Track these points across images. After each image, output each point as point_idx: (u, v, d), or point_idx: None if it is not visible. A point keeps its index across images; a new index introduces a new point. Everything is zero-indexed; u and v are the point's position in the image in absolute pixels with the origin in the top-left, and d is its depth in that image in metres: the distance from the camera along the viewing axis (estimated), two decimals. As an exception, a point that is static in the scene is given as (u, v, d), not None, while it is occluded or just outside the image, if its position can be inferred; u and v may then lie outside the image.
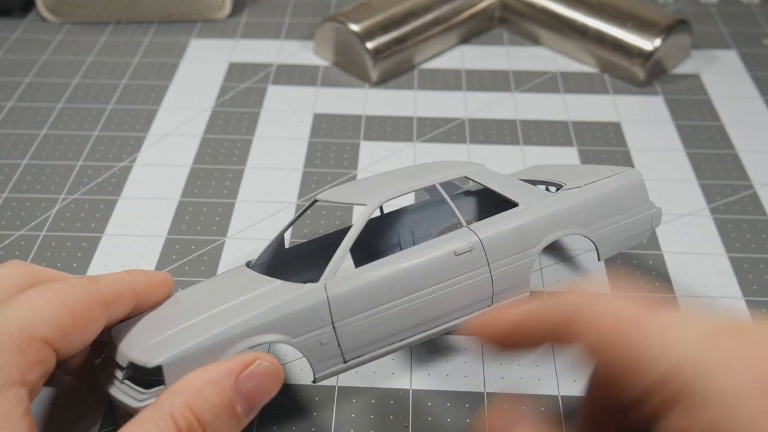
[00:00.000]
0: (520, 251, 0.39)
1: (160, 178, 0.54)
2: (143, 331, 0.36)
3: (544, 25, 0.67)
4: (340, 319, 0.35)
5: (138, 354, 0.34)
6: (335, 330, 0.35)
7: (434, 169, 0.42)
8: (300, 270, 0.43)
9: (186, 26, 0.71)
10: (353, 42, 0.63)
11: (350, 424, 0.39)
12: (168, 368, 0.32)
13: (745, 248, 0.49)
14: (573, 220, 0.40)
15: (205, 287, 0.39)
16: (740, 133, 0.59)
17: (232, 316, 0.34)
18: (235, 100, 0.62)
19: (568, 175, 0.44)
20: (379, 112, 0.61)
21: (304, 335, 0.35)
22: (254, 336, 0.34)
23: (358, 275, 0.36)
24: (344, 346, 0.36)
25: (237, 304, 0.35)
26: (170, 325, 0.35)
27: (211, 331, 0.33)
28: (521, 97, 0.62)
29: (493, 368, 0.42)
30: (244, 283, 0.37)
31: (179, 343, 0.33)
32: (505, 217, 0.39)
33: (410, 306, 0.36)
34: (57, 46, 0.68)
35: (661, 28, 0.63)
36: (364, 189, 0.40)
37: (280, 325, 0.34)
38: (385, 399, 0.40)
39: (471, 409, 0.39)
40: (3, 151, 0.56)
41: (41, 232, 0.50)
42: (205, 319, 0.34)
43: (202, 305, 0.36)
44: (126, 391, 0.34)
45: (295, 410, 0.39)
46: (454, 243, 0.37)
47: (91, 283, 0.35)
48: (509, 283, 0.38)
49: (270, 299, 0.35)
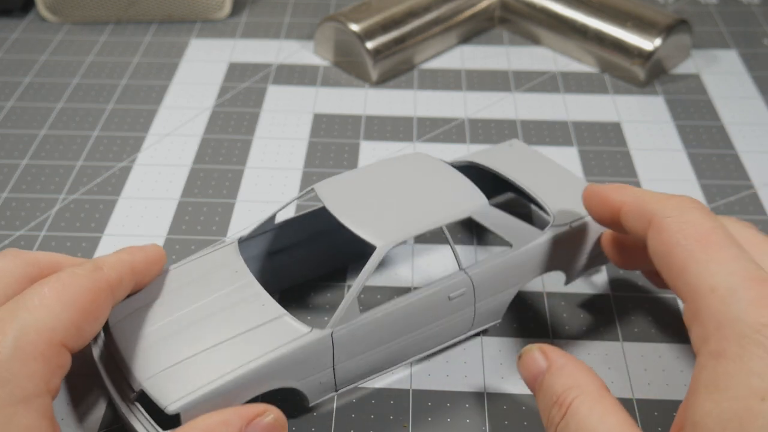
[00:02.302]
0: (504, 289, 0.41)
1: (160, 178, 0.54)
2: (147, 336, 0.37)
3: (544, 25, 0.67)
4: (340, 362, 0.37)
5: (151, 386, 0.35)
6: (334, 371, 0.38)
7: (432, 189, 0.41)
8: (290, 249, 0.44)
9: (186, 26, 0.71)
10: (353, 42, 0.63)
11: (350, 424, 0.39)
12: (185, 415, 0.34)
13: (745, 248, 0.49)
14: (556, 260, 0.43)
15: (201, 280, 0.39)
16: (740, 133, 0.59)
17: (243, 358, 0.35)
18: (235, 100, 0.62)
19: (549, 187, 0.45)
20: (379, 112, 0.61)
21: (307, 378, 0.37)
22: (265, 383, 0.36)
23: (360, 322, 0.37)
24: (339, 381, 0.38)
25: (246, 339, 0.36)
26: (175, 345, 0.36)
27: (224, 375, 0.35)
28: (521, 97, 0.62)
29: (493, 368, 0.42)
30: (247, 300, 0.38)
31: (193, 384, 0.34)
32: (497, 259, 0.40)
33: (400, 342, 0.39)
34: (57, 46, 0.68)
35: (661, 28, 0.63)
36: (367, 212, 0.39)
37: (289, 372, 0.36)
38: (385, 399, 0.40)
39: (471, 409, 0.39)
40: (3, 151, 0.56)
41: (41, 232, 0.50)
42: (215, 355, 0.35)
43: (206, 318, 0.37)
44: (141, 421, 0.35)
45: (295, 410, 0.39)
46: (450, 288, 0.39)
47: (96, 270, 0.35)
48: (488, 314, 0.42)
49: (278, 341, 0.36)
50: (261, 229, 0.43)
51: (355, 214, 0.39)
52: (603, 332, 0.44)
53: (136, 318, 0.38)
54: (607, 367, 0.42)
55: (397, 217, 0.38)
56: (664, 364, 0.42)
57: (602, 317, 0.44)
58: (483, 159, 0.47)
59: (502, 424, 0.39)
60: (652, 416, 0.39)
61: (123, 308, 0.38)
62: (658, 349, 0.43)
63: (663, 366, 0.42)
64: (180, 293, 0.39)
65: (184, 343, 0.36)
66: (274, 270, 0.44)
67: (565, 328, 0.44)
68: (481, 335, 0.43)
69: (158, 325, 0.37)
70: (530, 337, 0.43)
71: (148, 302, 0.38)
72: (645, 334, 0.43)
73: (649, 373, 0.41)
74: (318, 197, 0.42)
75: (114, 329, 0.37)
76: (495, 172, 0.46)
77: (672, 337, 0.43)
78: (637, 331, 0.44)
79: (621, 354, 0.42)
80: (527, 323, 0.44)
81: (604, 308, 0.45)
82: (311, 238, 0.45)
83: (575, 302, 0.45)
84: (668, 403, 0.40)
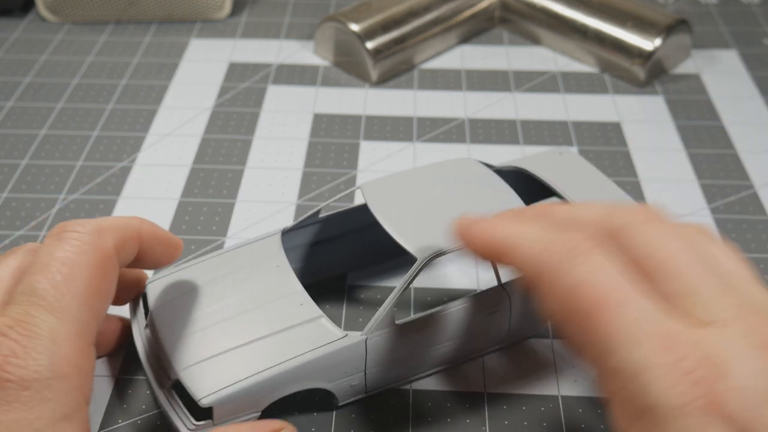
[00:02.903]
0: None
1: (160, 178, 0.54)
2: (187, 325, 0.37)
3: (544, 25, 0.67)
4: (372, 366, 0.38)
5: (187, 377, 0.35)
6: (366, 374, 0.38)
7: (476, 199, 0.41)
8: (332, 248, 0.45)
9: (186, 26, 0.71)
10: (353, 42, 0.63)
11: (350, 425, 0.39)
12: (217, 409, 0.35)
13: (746, 248, 0.49)
14: None
15: (243, 271, 0.40)
16: (740, 133, 0.59)
17: (279, 357, 0.36)
18: (235, 100, 0.62)
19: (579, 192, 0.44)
20: (379, 112, 0.61)
21: (338, 380, 0.38)
22: (298, 382, 0.36)
23: (395, 330, 0.38)
24: (369, 384, 0.39)
25: (283, 338, 0.37)
26: (212, 336, 0.37)
27: (258, 371, 0.35)
28: (521, 97, 0.62)
29: (493, 369, 0.42)
30: (286, 297, 0.39)
31: (228, 379, 0.35)
32: None
33: (433, 351, 0.39)
34: (57, 46, 0.68)
35: (661, 28, 0.63)
36: (410, 220, 0.39)
37: (321, 373, 0.37)
38: (385, 399, 0.40)
39: (471, 410, 0.39)
40: (3, 151, 0.56)
41: (41, 232, 0.50)
42: (251, 351, 0.36)
43: (246, 312, 0.38)
44: (176, 410, 0.36)
45: (295, 410, 0.39)
46: (488, 305, 0.39)
47: (99, 236, 0.33)
48: (522, 330, 0.42)
49: (313, 343, 0.36)
50: (303, 223, 0.43)
51: (398, 221, 0.39)
52: (603, 332, 0.44)
53: (178, 304, 0.38)
54: (607, 366, 0.42)
55: (439, 229, 0.38)
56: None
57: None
58: (530, 165, 0.47)
59: (501, 425, 0.39)
60: (652, 416, 0.39)
61: (166, 293, 0.39)
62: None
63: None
64: (222, 283, 0.40)
65: (223, 335, 0.37)
66: (313, 260, 0.45)
67: (565, 328, 0.44)
68: (481, 335, 0.43)
69: (198, 314, 0.38)
70: (531, 336, 0.43)
71: (190, 289, 0.39)
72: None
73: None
74: (363, 197, 0.42)
75: (155, 314, 0.38)
76: (541, 180, 0.45)
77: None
78: (637, 331, 0.44)
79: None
80: (527, 323, 0.44)
81: (604, 308, 0.45)
82: (352, 233, 0.46)
83: (575, 302, 0.45)
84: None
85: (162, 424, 0.39)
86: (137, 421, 0.39)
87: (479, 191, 0.41)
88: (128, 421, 0.39)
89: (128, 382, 0.41)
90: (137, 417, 0.39)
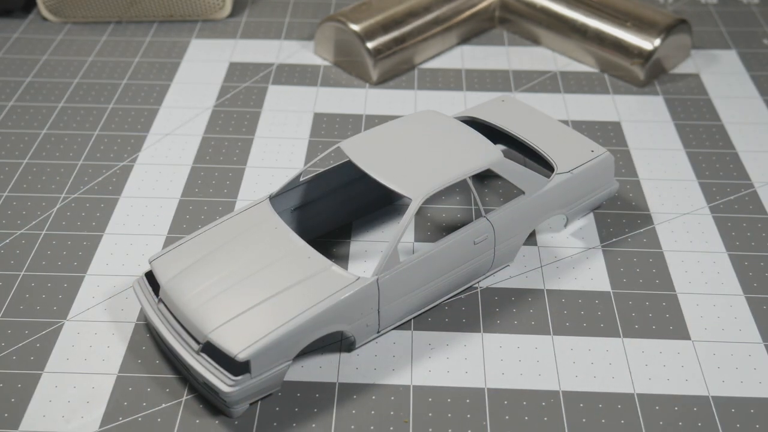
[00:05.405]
0: (518, 232, 0.46)
1: (160, 177, 0.54)
2: (202, 293, 0.39)
3: (544, 25, 0.68)
4: (384, 305, 0.41)
5: (218, 337, 0.37)
6: (379, 313, 0.41)
7: (451, 143, 0.44)
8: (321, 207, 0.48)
9: (186, 26, 0.72)
10: (353, 42, 0.63)
11: (351, 420, 0.39)
12: (254, 361, 0.37)
13: (745, 246, 0.49)
14: (561, 203, 0.47)
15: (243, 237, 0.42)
16: (740, 133, 0.59)
17: (301, 306, 0.38)
18: (235, 99, 0.62)
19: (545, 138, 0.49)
20: (379, 112, 0.61)
21: (356, 322, 0.40)
22: (322, 328, 0.39)
23: (401, 268, 0.41)
24: (382, 323, 0.42)
25: (300, 289, 0.39)
26: (232, 297, 0.39)
27: (286, 323, 0.38)
28: (521, 96, 0.62)
29: (494, 364, 0.42)
30: (293, 253, 0.41)
31: (257, 332, 0.37)
32: (513, 206, 0.45)
33: (434, 284, 0.43)
34: (57, 46, 0.69)
35: (660, 28, 0.63)
36: (395, 167, 0.42)
37: (341, 316, 0.39)
38: (386, 395, 0.40)
39: (472, 405, 0.40)
40: (4, 151, 0.56)
41: (42, 231, 0.50)
42: (274, 306, 0.38)
43: (258, 272, 0.40)
44: (211, 371, 0.37)
45: (296, 406, 0.39)
46: (475, 234, 0.43)
47: None
48: (504, 256, 0.46)
49: (330, 289, 0.39)
50: (288, 187, 0.46)
51: (385, 170, 0.42)
52: (604, 329, 0.44)
53: (188, 275, 0.40)
54: (608, 362, 0.42)
55: (426, 171, 0.42)
56: (664, 359, 0.42)
57: (603, 314, 0.44)
58: (482, 114, 0.51)
59: (502, 420, 0.39)
60: (653, 411, 0.39)
61: (173, 267, 0.41)
62: (659, 345, 0.43)
63: (663, 362, 0.42)
64: (225, 250, 0.41)
65: (242, 295, 0.39)
66: (299, 224, 0.47)
67: (566, 325, 0.44)
68: (482, 332, 0.43)
69: (212, 280, 0.40)
70: (531, 333, 0.43)
71: (196, 260, 0.41)
72: (645, 331, 0.43)
73: (650, 369, 0.41)
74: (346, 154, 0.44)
75: (168, 287, 0.40)
76: (496, 126, 0.50)
77: (672, 333, 0.43)
78: (638, 328, 0.44)
79: (622, 350, 0.42)
80: (528, 320, 0.44)
81: (605, 305, 0.45)
82: (330, 194, 0.48)
83: (576, 299, 0.45)
84: (669, 398, 0.40)
85: (163, 421, 0.39)
86: (138, 418, 0.39)
87: (451, 137, 0.45)
88: (129, 419, 0.39)
89: (128, 379, 0.41)
90: (138, 414, 0.39)
